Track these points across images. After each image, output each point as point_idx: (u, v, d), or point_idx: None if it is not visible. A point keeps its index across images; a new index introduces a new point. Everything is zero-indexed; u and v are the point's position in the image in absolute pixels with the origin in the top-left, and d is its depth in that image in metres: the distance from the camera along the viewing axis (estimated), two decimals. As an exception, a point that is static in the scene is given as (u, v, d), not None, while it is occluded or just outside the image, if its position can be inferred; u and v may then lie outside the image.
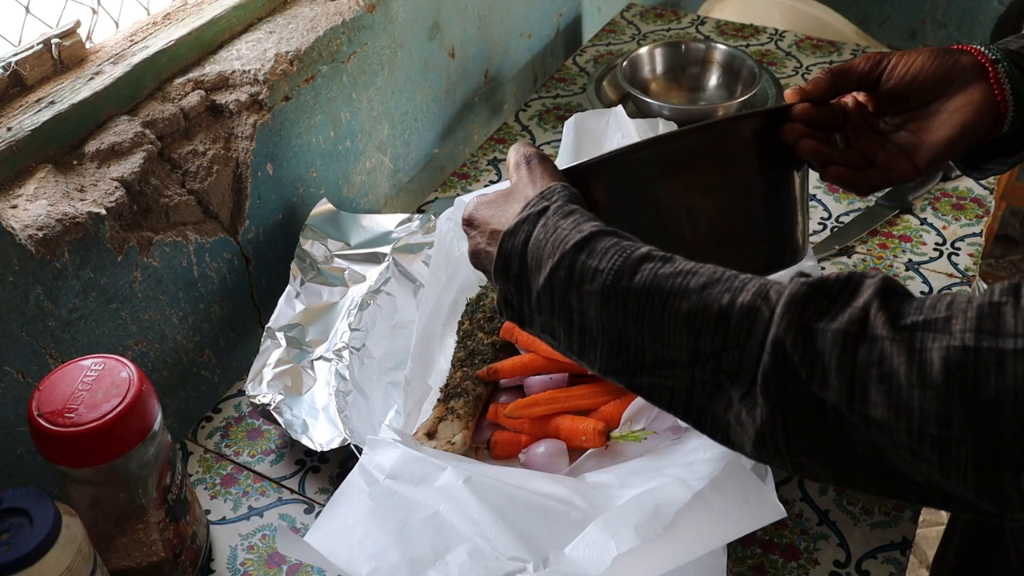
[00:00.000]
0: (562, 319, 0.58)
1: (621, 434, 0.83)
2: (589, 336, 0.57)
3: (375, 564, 0.67)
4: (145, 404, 0.68)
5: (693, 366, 0.52)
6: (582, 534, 0.68)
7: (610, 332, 0.55)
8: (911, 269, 1.07)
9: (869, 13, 2.66)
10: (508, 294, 0.61)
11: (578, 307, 0.56)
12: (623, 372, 0.56)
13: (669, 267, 0.54)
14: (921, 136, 0.72)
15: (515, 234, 0.60)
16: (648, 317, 0.53)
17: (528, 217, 0.60)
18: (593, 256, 0.56)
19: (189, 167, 0.90)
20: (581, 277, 0.56)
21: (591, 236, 0.57)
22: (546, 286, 0.58)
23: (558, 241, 0.58)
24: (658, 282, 0.54)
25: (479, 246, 0.66)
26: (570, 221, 0.58)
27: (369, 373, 0.91)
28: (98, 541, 0.69)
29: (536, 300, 0.59)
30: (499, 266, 0.61)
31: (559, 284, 0.57)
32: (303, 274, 0.98)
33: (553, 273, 0.57)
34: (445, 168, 1.35)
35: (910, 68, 0.71)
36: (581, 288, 0.56)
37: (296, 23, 1.02)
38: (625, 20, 1.62)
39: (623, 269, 0.55)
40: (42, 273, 0.76)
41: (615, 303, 0.54)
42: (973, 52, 0.71)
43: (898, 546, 0.78)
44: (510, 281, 0.60)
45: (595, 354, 0.57)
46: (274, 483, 0.87)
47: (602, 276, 0.55)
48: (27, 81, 0.83)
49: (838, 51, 1.48)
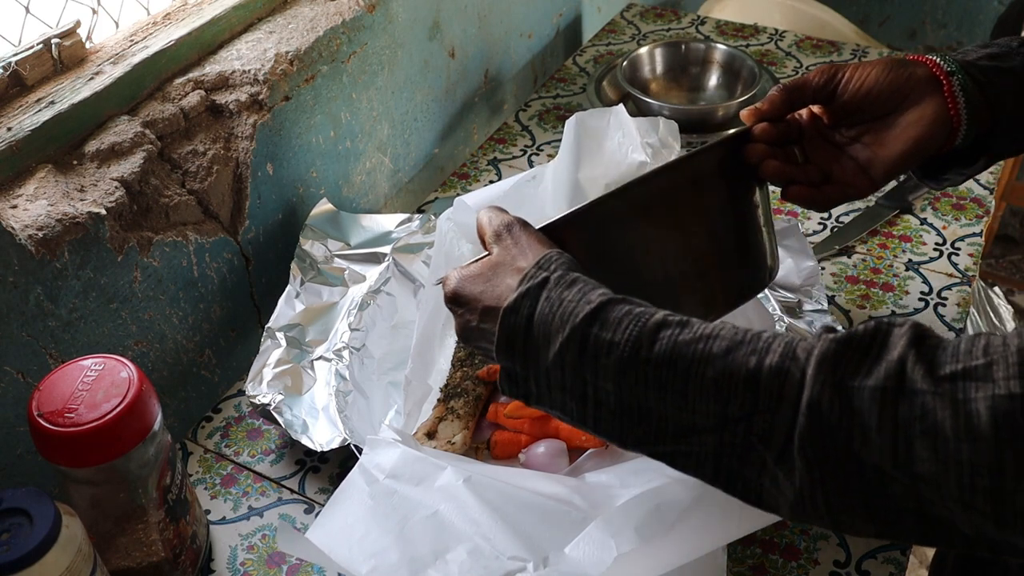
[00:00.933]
0: (575, 394, 0.56)
1: (621, 434, 0.83)
2: (605, 409, 0.55)
3: (375, 563, 0.67)
4: (145, 404, 0.68)
5: (721, 430, 0.51)
6: (582, 534, 0.68)
7: (629, 404, 0.53)
8: (911, 269, 1.07)
9: (869, 13, 2.66)
10: (513, 371, 0.59)
11: (593, 381, 0.54)
12: (644, 443, 0.55)
13: (688, 333, 0.53)
14: (876, 150, 0.72)
15: (517, 310, 0.57)
16: (671, 386, 0.52)
17: (529, 291, 0.57)
18: (606, 328, 0.54)
19: (189, 167, 0.90)
20: (596, 351, 0.54)
21: (600, 307, 0.55)
22: (556, 362, 0.55)
23: (566, 314, 0.55)
24: (679, 350, 0.52)
25: (470, 324, 0.62)
26: (575, 292, 0.56)
27: (369, 373, 0.91)
28: (98, 541, 0.69)
29: (545, 376, 0.57)
30: (502, 345, 0.58)
31: (571, 359, 0.55)
32: (303, 274, 0.98)
33: (564, 348, 0.55)
34: (445, 168, 1.35)
35: (865, 81, 0.71)
36: (596, 362, 0.54)
37: (296, 23, 1.02)
38: (625, 20, 1.62)
39: (640, 339, 0.53)
40: (42, 273, 0.76)
41: (635, 375, 0.53)
42: (928, 64, 0.71)
43: (898, 546, 0.78)
44: (515, 359, 0.58)
45: (612, 427, 0.55)
46: (274, 483, 0.87)
47: (619, 349, 0.53)
48: (27, 81, 0.83)
49: (838, 51, 1.48)
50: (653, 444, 0.54)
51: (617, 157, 1.05)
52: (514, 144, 1.31)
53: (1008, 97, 0.71)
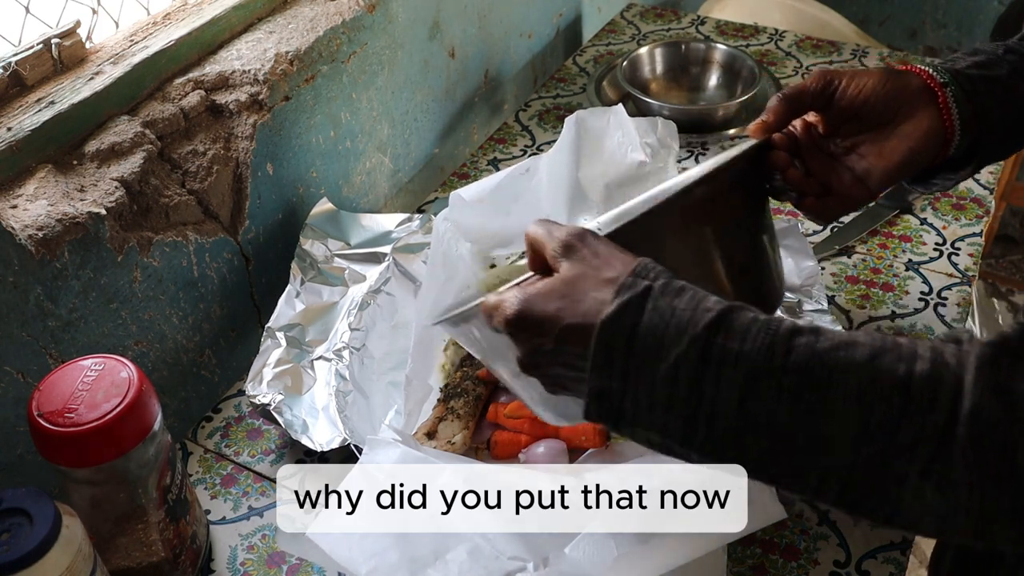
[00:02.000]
0: (683, 412, 0.51)
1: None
2: (720, 427, 0.51)
3: (375, 563, 0.67)
4: (145, 404, 0.68)
5: (858, 444, 0.48)
6: (582, 534, 0.68)
7: (753, 419, 0.50)
8: (911, 269, 1.07)
9: (869, 13, 2.66)
10: (606, 391, 0.54)
11: (711, 395, 0.50)
12: (762, 462, 0.51)
13: (826, 340, 0.50)
14: (873, 161, 0.73)
15: (617, 322, 0.52)
16: (809, 397, 0.49)
17: (630, 301, 0.53)
18: (732, 337, 0.50)
19: (189, 167, 0.90)
20: (721, 362, 0.50)
21: (722, 315, 0.51)
22: (668, 376, 0.51)
23: (682, 324, 0.51)
24: (819, 357, 0.49)
25: (542, 348, 0.56)
26: (686, 300, 0.52)
27: (369, 373, 0.91)
28: (98, 541, 0.69)
29: (648, 393, 0.52)
30: (599, 361, 0.53)
31: (688, 372, 0.51)
32: (303, 274, 0.98)
33: (681, 361, 0.51)
34: (445, 168, 1.35)
35: (862, 89, 0.72)
36: (720, 374, 0.50)
37: (296, 23, 1.03)
38: (625, 20, 1.62)
39: (773, 347, 0.50)
40: (42, 273, 0.76)
41: (766, 385, 0.49)
42: (922, 75, 0.72)
43: (898, 546, 0.78)
44: (612, 377, 0.53)
45: (726, 447, 0.52)
46: (274, 483, 0.87)
47: (749, 358, 0.50)
48: (27, 81, 0.83)
49: (838, 51, 1.48)
50: (771, 464, 0.51)
51: (617, 157, 1.05)
52: (514, 144, 1.31)
53: (994, 106, 0.72)
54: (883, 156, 0.72)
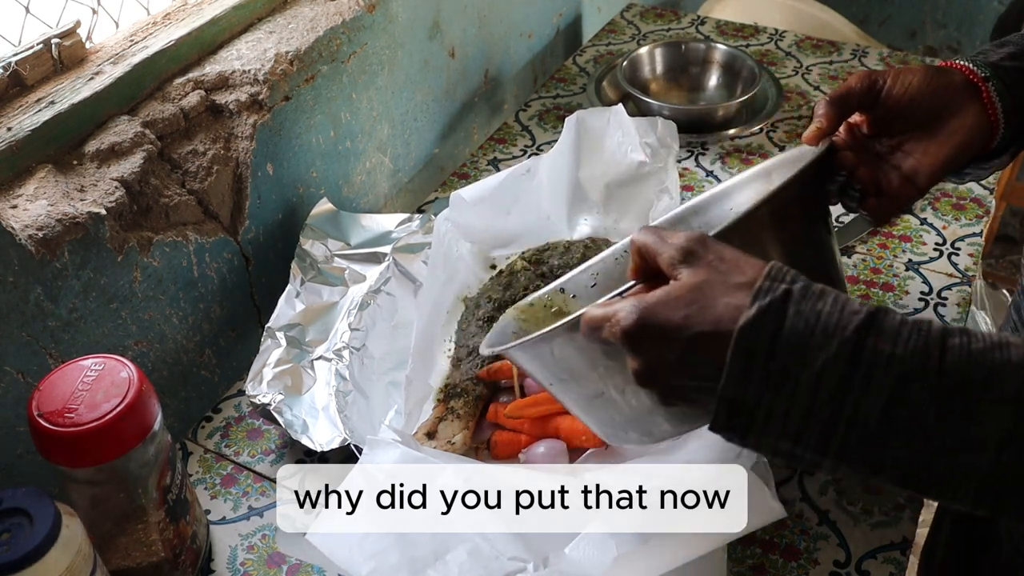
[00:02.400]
0: (822, 418, 0.50)
1: (621, 434, 0.83)
2: (861, 431, 0.49)
3: (375, 564, 0.67)
4: (145, 404, 0.68)
5: (1002, 449, 0.47)
6: (582, 534, 0.68)
7: (895, 422, 0.49)
8: (911, 269, 1.07)
9: (869, 13, 2.66)
10: (739, 400, 0.51)
11: (857, 400, 0.49)
12: (900, 466, 0.50)
13: (979, 342, 0.49)
14: (920, 158, 0.73)
15: (757, 329, 0.50)
16: (958, 400, 0.48)
17: (771, 304, 0.50)
18: (884, 340, 0.49)
19: (189, 167, 0.90)
20: (871, 364, 0.48)
21: (871, 316, 0.50)
22: (812, 383, 0.49)
23: (829, 327, 0.49)
24: (975, 359, 0.48)
25: (666, 360, 0.53)
26: (830, 303, 0.50)
27: (369, 373, 0.91)
28: (98, 541, 0.69)
29: (788, 401, 0.50)
30: (737, 369, 0.50)
31: (835, 376, 0.49)
32: (303, 274, 0.98)
33: (828, 364, 0.49)
34: (445, 168, 1.35)
35: (908, 88, 0.72)
36: (870, 377, 0.48)
37: (296, 23, 1.03)
38: (625, 20, 1.62)
39: (927, 349, 0.48)
40: (42, 273, 0.76)
41: (918, 388, 0.48)
42: (963, 70, 0.72)
43: (898, 546, 0.78)
44: (749, 385, 0.50)
45: (865, 451, 0.50)
46: (274, 483, 0.87)
47: (901, 361, 0.48)
48: (27, 81, 0.83)
49: (838, 51, 1.48)
50: (909, 466, 0.50)
51: (617, 156, 1.05)
52: (514, 144, 1.31)
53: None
54: (930, 153, 0.72)
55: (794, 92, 1.38)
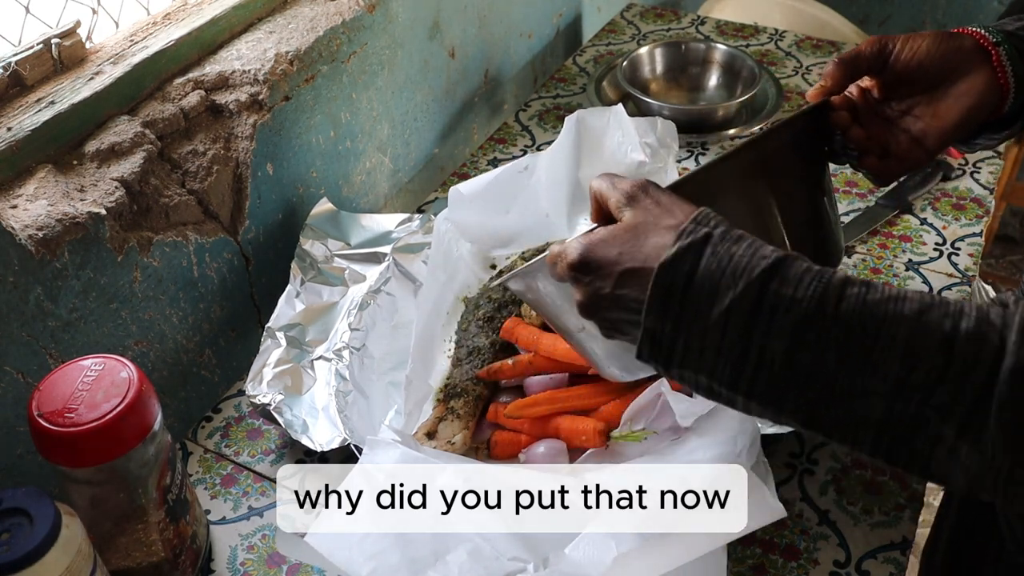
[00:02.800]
0: (732, 355, 0.53)
1: (621, 434, 0.83)
2: (767, 372, 0.52)
3: (375, 565, 0.67)
4: (145, 404, 0.68)
5: (894, 398, 0.49)
6: (582, 534, 0.68)
7: (798, 365, 0.51)
8: (911, 269, 1.07)
9: (869, 13, 2.66)
10: (659, 333, 0.55)
11: (760, 341, 0.51)
12: (801, 409, 0.52)
13: (876, 293, 0.51)
14: (929, 121, 0.74)
15: (675, 266, 0.54)
16: (852, 346, 0.50)
17: (691, 246, 0.54)
18: (787, 284, 0.51)
19: (189, 167, 0.90)
20: (773, 307, 0.51)
21: (778, 262, 0.52)
22: (720, 320, 0.52)
23: (739, 269, 0.52)
24: (869, 309, 0.50)
25: (601, 291, 0.58)
26: (744, 247, 0.53)
27: (369, 373, 0.91)
28: (98, 541, 0.69)
29: (700, 336, 0.53)
30: (656, 303, 0.54)
31: (740, 316, 0.52)
32: (303, 274, 0.98)
33: (734, 305, 0.52)
34: (445, 168, 1.35)
35: (916, 52, 0.73)
36: (772, 319, 0.51)
37: (296, 23, 1.03)
38: (625, 20, 1.62)
39: (826, 296, 0.51)
40: (42, 273, 0.76)
41: (815, 333, 0.50)
42: (975, 35, 0.73)
43: (898, 546, 0.78)
44: (666, 318, 0.54)
45: (770, 391, 0.53)
46: (274, 483, 0.87)
47: (800, 305, 0.51)
48: (27, 81, 0.83)
49: (838, 51, 1.48)
50: (811, 409, 0.52)
51: (617, 156, 1.05)
52: (514, 144, 1.31)
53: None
54: (939, 116, 0.73)
55: (794, 92, 1.38)
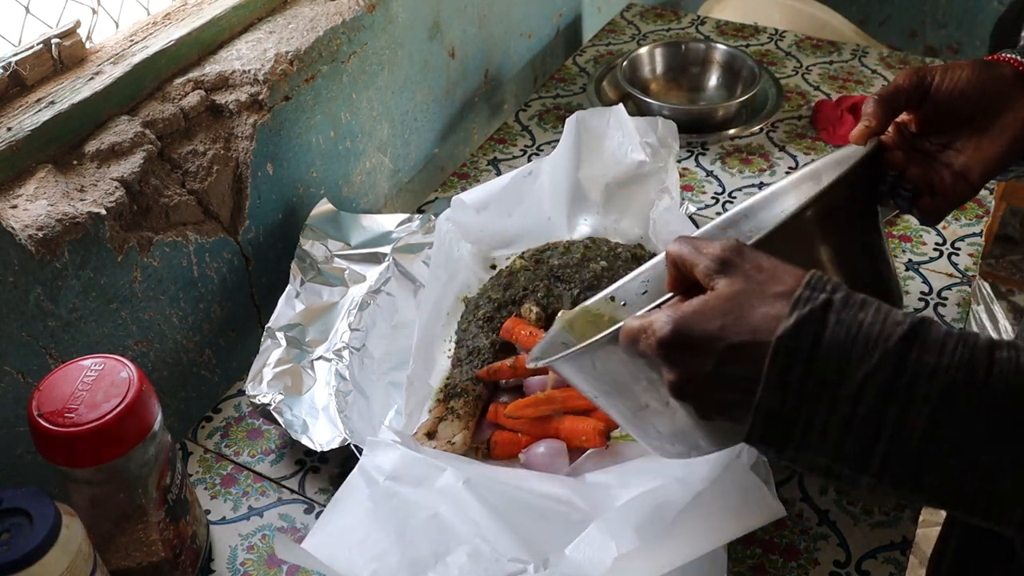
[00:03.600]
0: (863, 432, 0.48)
1: (621, 434, 0.83)
2: (904, 446, 0.47)
3: (376, 566, 0.67)
4: (145, 404, 0.68)
5: None
6: (582, 535, 0.68)
7: (941, 439, 0.47)
8: (911, 269, 1.07)
9: (869, 13, 2.66)
10: (777, 412, 0.49)
11: (899, 415, 0.47)
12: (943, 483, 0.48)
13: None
14: (973, 155, 0.71)
15: (797, 336, 0.48)
16: (1007, 416, 0.46)
17: (812, 313, 0.49)
18: (928, 351, 0.47)
19: (189, 167, 0.90)
20: (915, 376, 0.46)
21: (915, 327, 0.48)
22: (852, 394, 0.47)
23: (872, 338, 0.47)
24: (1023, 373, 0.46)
25: (702, 371, 0.52)
26: (871, 313, 0.49)
27: (369, 373, 0.91)
28: (98, 541, 0.69)
29: (827, 412, 0.48)
30: (774, 379, 0.49)
31: (876, 388, 0.47)
32: (303, 274, 0.98)
33: (870, 376, 0.47)
34: (445, 168, 1.35)
35: (957, 83, 0.71)
36: (913, 390, 0.46)
37: (296, 23, 1.02)
38: (625, 20, 1.62)
39: (974, 362, 0.46)
40: (42, 273, 0.76)
41: (964, 401, 0.46)
42: (1012, 63, 0.71)
43: (898, 546, 0.78)
44: (788, 395, 0.49)
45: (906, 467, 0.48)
46: (274, 483, 0.87)
47: (947, 373, 0.46)
48: (27, 81, 0.83)
49: (838, 51, 1.48)
50: (952, 486, 0.48)
51: (617, 156, 1.05)
52: (514, 144, 1.31)
53: None
54: (981, 149, 0.71)
55: (794, 92, 1.38)
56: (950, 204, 0.73)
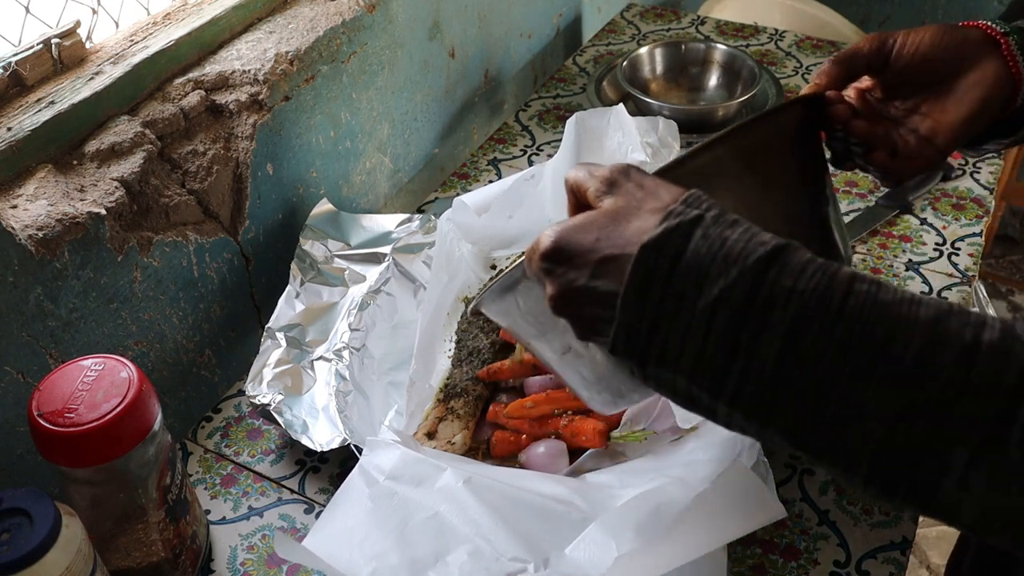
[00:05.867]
0: (715, 358, 0.46)
1: (621, 434, 0.83)
2: (754, 379, 0.45)
3: (376, 565, 0.67)
4: (145, 404, 0.68)
5: (899, 417, 0.42)
6: (583, 535, 0.68)
7: (788, 371, 0.44)
8: (911, 269, 1.07)
9: (869, 13, 2.67)
10: (636, 327, 0.48)
11: (750, 341, 0.45)
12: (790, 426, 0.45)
13: (888, 294, 0.44)
14: (938, 117, 0.70)
15: (660, 249, 0.47)
16: (856, 351, 0.43)
17: (679, 227, 0.48)
18: (786, 274, 0.45)
19: (189, 167, 0.90)
20: (769, 300, 0.44)
21: (778, 249, 0.46)
22: (707, 312, 0.46)
23: (732, 256, 0.46)
24: (880, 310, 0.43)
25: (575, 283, 0.51)
26: (740, 232, 0.47)
27: (369, 373, 0.91)
28: (98, 541, 0.69)
29: (683, 331, 0.47)
30: (632, 291, 0.48)
31: (730, 310, 0.45)
32: (303, 274, 0.98)
33: (724, 295, 0.45)
34: (445, 168, 1.35)
35: (919, 45, 0.69)
36: (767, 314, 0.44)
37: (296, 23, 1.02)
38: (625, 20, 1.62)
39: (831, 291, 0.44)
40: (42, 273, 0.76)
41: (816, 333, 0.43)
42: (981, 27, 0.70)
43: (898, 546, 0.78)
44: (645, 309, 0.48)
45: (756, 403, 0.46)
46: (274, 483, 0.87)
47: (800, 298, 0.44)
48: (27, 81, 0.83)
49: (838, 51, 1.48)
50: (802, 425, 0.45)
51: (617, 156, 1.05)
52: (514, 144, 1.31)
53: None
54: (948, 111, 0.69)
55: (794, 92, 1.38)
56: (914, 167, 0.71)
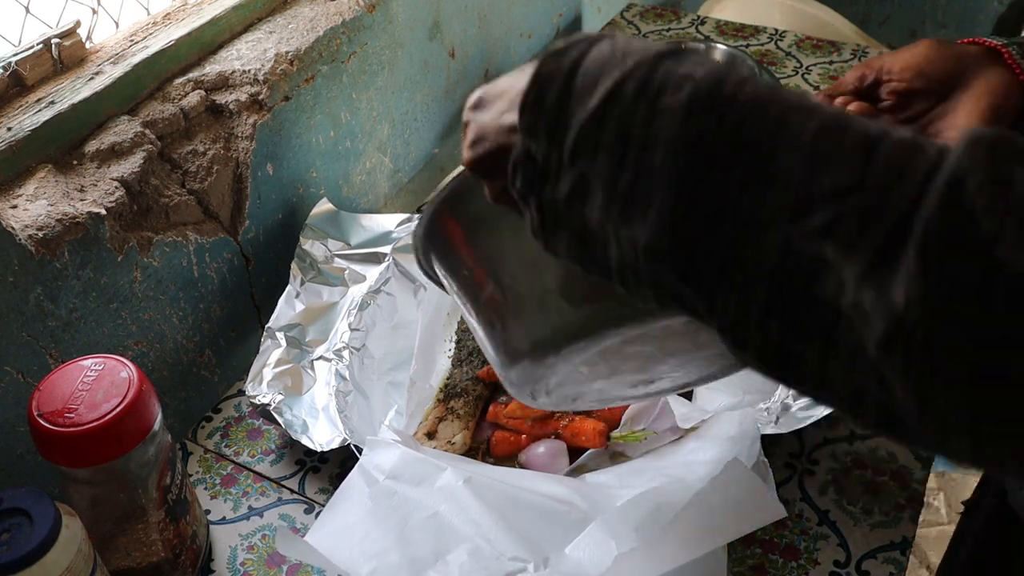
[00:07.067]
0: (607, 163, 0.40)
1: (621, 434, 0.83)
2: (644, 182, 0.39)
3: (375, 564, 0.67)
4: (145, 404, 0.68)
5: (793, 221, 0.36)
6: (582, 534, 0.68)
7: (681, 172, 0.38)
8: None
9: (869, 13, 2.66)
10: (532, 145, 0.43)
11: (641, 136, 0.39)
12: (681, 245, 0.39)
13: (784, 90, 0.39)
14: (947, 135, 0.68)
15: (562, 54, 0.43)
16: (750, 142, 0.37)
17: (585, 38, 0.43)
18: (684, 64, 0.40)
19: (189, 167, 0.90)
20: (662, 86, 0.39)
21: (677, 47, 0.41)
22: (597, 112, 0.40)
23: (631, 51, 0.41)
24: (776, 96, 0.38)
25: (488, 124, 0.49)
26: (646, 42, 0.42)
27: (369, 373, 0.91)
28: (98, 541, 0.69)
29: (574, 141, 0.41)
30: (529, 101, 0.43)
31: (621, 104, 0.40)
32: (303, 274, 0.98)
33: (617, 88, 0.40)
34: (445, 168, 1.35)
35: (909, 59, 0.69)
36: (658, 101, 0.39)
37: (296, 23, 1.02)
38: (625, 20, 1.62)
39: (726, 76, 0.39)
40: (42, 273, 0.76)
41: (707, 119, 0.38)
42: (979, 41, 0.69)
43: (898, 546, 0.78)
44: (539, 118, 0.42)
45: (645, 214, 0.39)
46: (274, 483, 0.87)
47: (695, 82, 0.39)
48: (27, 81, 0.83)
49: (838, 51, 1.48)
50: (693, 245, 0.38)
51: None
52: (514, 144, 1.31)
53: None
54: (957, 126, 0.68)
55: (794, 92, 1.38)
56: None
